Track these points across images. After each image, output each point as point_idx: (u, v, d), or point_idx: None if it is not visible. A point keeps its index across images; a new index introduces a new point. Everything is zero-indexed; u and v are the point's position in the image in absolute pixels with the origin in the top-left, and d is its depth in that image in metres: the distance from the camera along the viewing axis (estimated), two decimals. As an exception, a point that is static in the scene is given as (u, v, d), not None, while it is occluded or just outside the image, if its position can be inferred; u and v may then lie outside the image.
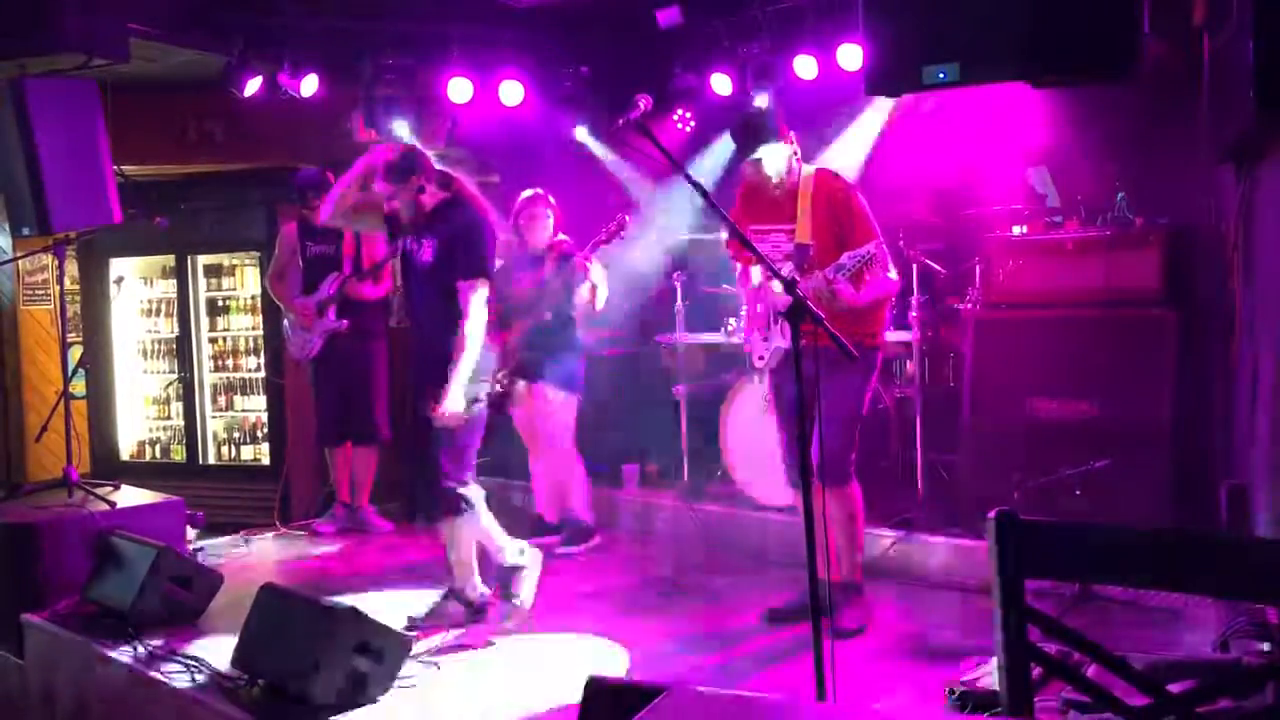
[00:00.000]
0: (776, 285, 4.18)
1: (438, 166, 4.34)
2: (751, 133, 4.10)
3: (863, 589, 4.23)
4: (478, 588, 4.41)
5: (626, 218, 5.31)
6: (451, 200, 4.29)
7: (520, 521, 5.94)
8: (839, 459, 4.08)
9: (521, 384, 5.46)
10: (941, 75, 3.69)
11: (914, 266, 5.40)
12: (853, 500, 4.16)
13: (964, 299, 5.41)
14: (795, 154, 4.15)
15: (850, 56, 5.43)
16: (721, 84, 6.07)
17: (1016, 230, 5.18)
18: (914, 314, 5.38)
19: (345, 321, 5.92)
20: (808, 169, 4.18)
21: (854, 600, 4.14)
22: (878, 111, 5.89)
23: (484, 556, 4.38)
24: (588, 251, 5.24)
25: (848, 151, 5.85)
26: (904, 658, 3.85)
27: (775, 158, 4.08)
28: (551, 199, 5.45)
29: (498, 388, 5.42)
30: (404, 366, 6.51)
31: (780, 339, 4.12)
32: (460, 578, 4.36)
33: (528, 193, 5.48)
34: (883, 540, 4.85)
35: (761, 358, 4.23)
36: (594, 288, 5.28)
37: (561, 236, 5.45)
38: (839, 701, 3.26)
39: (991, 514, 1.62)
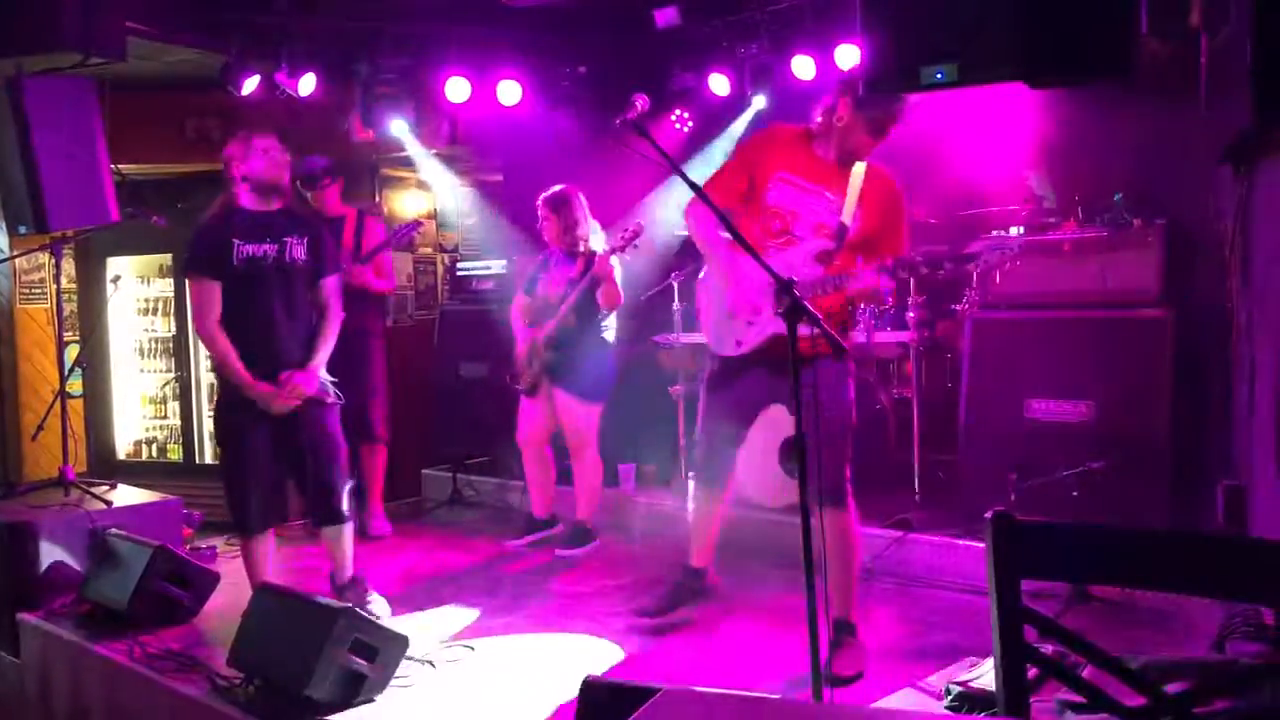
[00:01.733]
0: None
1: None
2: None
3: (857, 630, 3.81)
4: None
5: (641, 224, 5.28)
6: (294, 204, 4.47)
7: (514, 521, 5.94)
8: (836, 477, 3.72)
9: (544, 384, 5.45)
10: (939, 76, 3.68)
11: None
12: (850, 525, 3.77)
13: (961, 300, 5.42)
14: None
15: (848, 57, 5.44)
16: (719, 84, 6.08)
17: (1014, 231, 5.18)
18: (911, 314, 5.38)
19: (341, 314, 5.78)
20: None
21: (849, 643, 3.76)
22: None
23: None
24: (604, 255, 5.22)
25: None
26: (901, 657, 3.85)
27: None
28: (574, 199, 5.38)
29: (526, 382, 5.45)
30: (402, 366, 6.53)
31: (769, 325, 3.72)
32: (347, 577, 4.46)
33: (545, 194, 5.45)
34: (880, 541, 4.86)
35: (740, 343, 3.83)
36: (609, 287, 5.25)
37: (593, 235, 5.40)
38: (836, 701, 3.26)
39: (988, 514, 1.62)
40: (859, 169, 3.80)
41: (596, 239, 5.40)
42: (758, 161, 3.84)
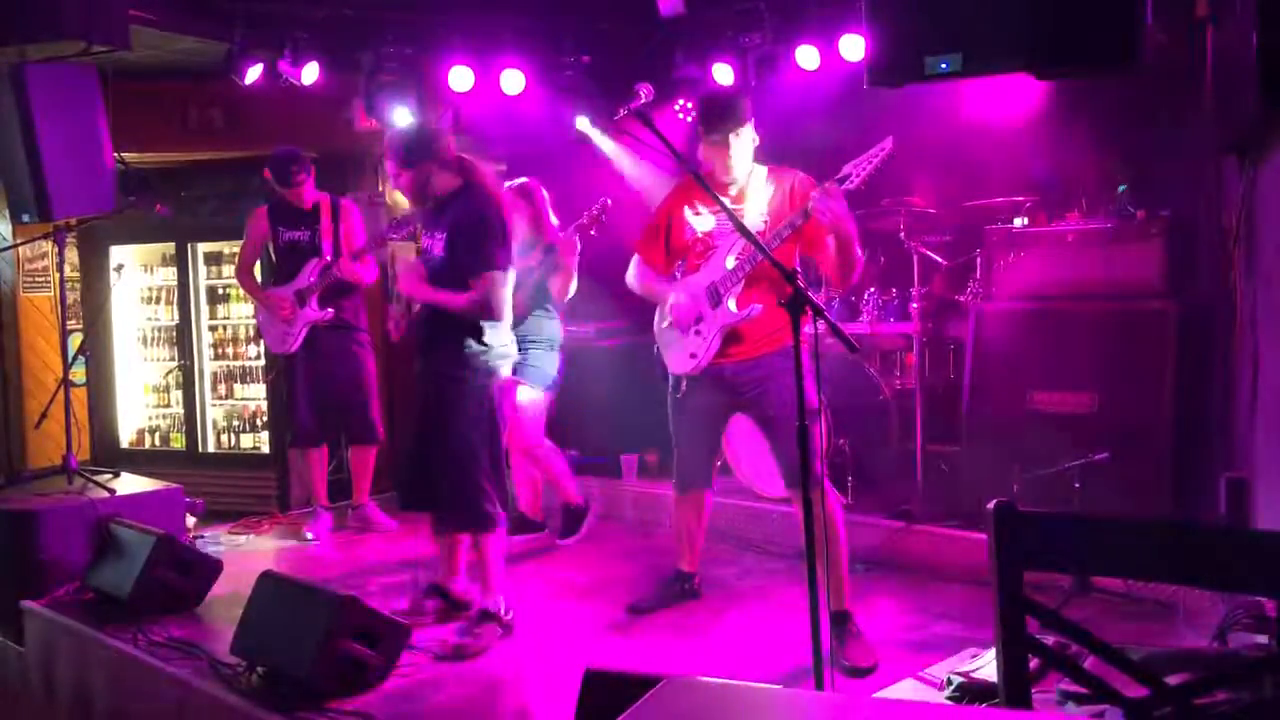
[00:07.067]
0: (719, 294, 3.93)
1: (459, 153, 4.13)
2: (726, 111, 3.87)
3: (854, 619, 3.85)
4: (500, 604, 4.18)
5: (608, 201, 5.22)
6: (460, 190, 4.05)
7: (511, 512, 5.91)
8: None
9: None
10: (944, 66, 3.68)
11: (915, 258, 5.39)
12: (830, 511, 3.71)
13: (965, 291, 5.41)
14: (755, 142, 3.97)
15: (852, 47, 5.42)
16: (723, 74, 6.06)
17: (1018, 222, 5.17)
18: (915, 305, 5.37)
19: (329, 311, 5.61)
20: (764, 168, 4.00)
21: (854, 633, 3.80)
22: (878, 102, 5.87)
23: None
24: (570, 234, 5.16)
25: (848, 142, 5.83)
26: (902, 648, 3.85)
27: (745, 141, 3.89)
28: (537, 193, 5.28)
29: None
30: (404, 357, 6.51)
31: (714, 324, 3.90)
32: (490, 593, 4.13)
33: (510, 184, 5.39)
34: (882, 531, 4.86)
35: (694, 355, 3.97)
36: (564, 275, 5.14)
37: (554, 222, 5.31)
38: (838, 691, 3.27)
39: (991, 505, 1.62)
40: (757, 171, 3.97)
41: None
42: (667, 211, 4.12)
